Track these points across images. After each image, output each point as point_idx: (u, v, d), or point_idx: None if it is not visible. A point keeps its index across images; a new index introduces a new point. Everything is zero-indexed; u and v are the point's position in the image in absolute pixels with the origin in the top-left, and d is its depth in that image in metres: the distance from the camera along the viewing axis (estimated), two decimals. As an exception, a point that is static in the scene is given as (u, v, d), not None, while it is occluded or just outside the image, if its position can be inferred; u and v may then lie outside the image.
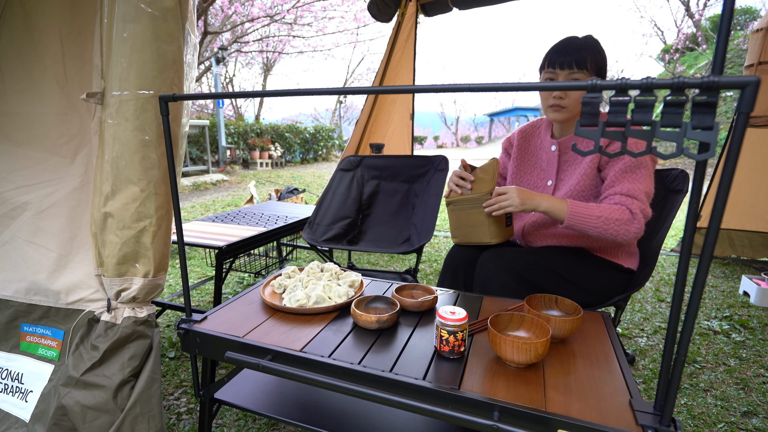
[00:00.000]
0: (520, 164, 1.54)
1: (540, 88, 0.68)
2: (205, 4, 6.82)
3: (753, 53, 2.77)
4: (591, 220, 1.21)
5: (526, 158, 1.53)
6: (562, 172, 1.42)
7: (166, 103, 0.94)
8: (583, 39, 1.31)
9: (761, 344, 1.94)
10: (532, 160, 1.51)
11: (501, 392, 0.81)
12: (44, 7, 1.10)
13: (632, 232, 1.21)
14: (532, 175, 1.51)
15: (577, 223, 1.23)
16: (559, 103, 1.32)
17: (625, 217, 1.20)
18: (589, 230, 1.23)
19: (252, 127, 9.57)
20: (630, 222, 1.20)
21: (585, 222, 1.22)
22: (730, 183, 0.57)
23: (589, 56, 1.27)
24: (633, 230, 1.21)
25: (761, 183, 2.98)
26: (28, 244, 1.13)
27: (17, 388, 1.12)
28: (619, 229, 1.20)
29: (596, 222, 1.21)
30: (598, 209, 1.22)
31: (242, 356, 0.96)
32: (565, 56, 1.28)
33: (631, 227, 1.20)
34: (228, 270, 2.03)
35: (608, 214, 1.21)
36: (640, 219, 1.21)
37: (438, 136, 28.91)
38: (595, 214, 1.21)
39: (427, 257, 3.26)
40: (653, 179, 1.27)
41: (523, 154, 1.54)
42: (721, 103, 9.04)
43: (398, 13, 3.17)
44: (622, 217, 1.20)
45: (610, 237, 1.22)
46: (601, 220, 1.20)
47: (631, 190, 1.23)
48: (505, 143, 1.63)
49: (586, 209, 1.23)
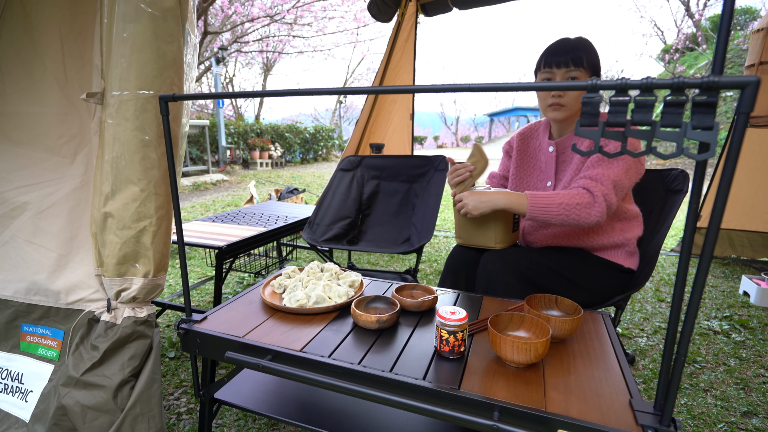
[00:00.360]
0: (520, 166, 1.55)
1: (540, 88, 0.68)
2: (205, 4, 6.82)
3: (753, 53, 2.77)
4: (552, 208, 1.23)
5: (525, 160, 1.54)
6: (560, 173, 1.42)
7: (166, 103, 0.94)
8: (576, 39, 1.32)
9: (761, 344, 1.94)
10: (532, 162, 1.53)
11: (501, 392, 0.81)
12: (44, 7, 1.10)
13: (593, 215, 1.21)
14: (532, 176, 1.51)
15: (538, 214, 1.24)
16: (558, 102, 1.33)
17: (585, 200, 1.21)
18: (552, 218, 1.24)
19: (252, 127, 9.57)
20: (590, 205, 1.21)
21: (546, 210, 1.23)
22: (730, 183, 0.57)
23: (584, 55, 1.28)
24: (594, 213, 1.21)
25: (761, 183, 2.98)
26: (28, 244, 1.13)
27: (17, 388, 1.12)
28: (581, 213, 1.21)
29: (557, 209, 1.22)
30: (557, 197, 1.23)
31: (242, 356, 0.96)
32: (561, 56, 1.29)
33: (592, 210, 1.21)
34: (228, 270, 2.03)
35: (568, 200, 1.22)
36: (601, 202, 1.21)
37: (438, 136, 28.91)
38: (555, 201, 1.23)
39: (427, 257, 3.26)
40: (630, 176, 1.27)
41: (523, 156, 1.55)
42: (721, 103, 9.04)
43: (398, 13, 3.17)
44: (582, 201, 1.21)
45: (573, 221, 1.22)
46: (562, 206, 1.22)
47: (597, 175, 1.24)
48: (505, 146, 1.65)
49: (546, 198, 1.24)
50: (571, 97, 1.32)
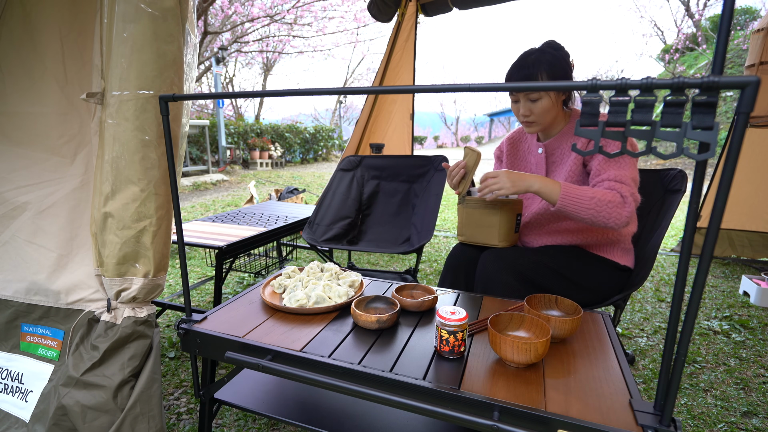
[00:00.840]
0: (511, 168, 1.57)
1: (540, 88, 0.68)
2: (205, 4, 6.82)
3: (753, 53, 2.77)
4: (584, 201, 1.21)
5: (516, 164, 1.57)
6: (551, 173, 1.44)
7: (166, 103, 0.94)
8: (535, 54, 1.32)
9: (761, 344, 1.94)
10: (522, 165, 1.55)
11: (501, 392, 0.81)
12: (44, 7, 1.10)
13: (624, 216, 1.21)
14: None
15: (569, 204, 1.22)
16: (527, 120, 1.37)
17: (616, 200, 1.21)
18: (582, 212, 1.21)
19: (252, 127, 9.57)
20: (621, 205, 1.21)
21: (578, 203, 1.21)
22: (730, 183, 0.57)
23: (540, 72, 1.29)
24: (625, 214, 1.21)
25: (761, 183, 2.98)
26: (28, 244, 1.13)
27: (17, 388, 1.12)
28: (612, 212, 1.20)
29: (589, 203, 1.20)
30: (590, 191, 1.23)
31: (242, 356, 0.96)
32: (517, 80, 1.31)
33: (623, 211, 1.21)
34: (228, 270, 2.03)
35: (601, 195, 1.21)
36: (631, 203, 1.22)
37: (438, 136, 28.91)
38: (587, 195, 1.21)
39: (427, 257, 3.26)
40: (636, 167, 1.29)
41: (513, 160, 1.58)
42: (721, 103, 9.04)
43: (398, 13, 3.17)
44: (614, 200, 1.20)
45: (602, 220, 1.21)
46: (594, 201, 1.20)
47: (618, 176, 1.24)
48: (496, 152, 1.67)
49: (579, 190, 1.23)
50: (537, 114, 1.34)
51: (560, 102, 1.37)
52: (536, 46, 1.35)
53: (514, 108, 1.39)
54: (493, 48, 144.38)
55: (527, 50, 1.35)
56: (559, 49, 1.33)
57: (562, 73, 1.30)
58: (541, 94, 1.30)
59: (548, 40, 1.36)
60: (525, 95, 1.32)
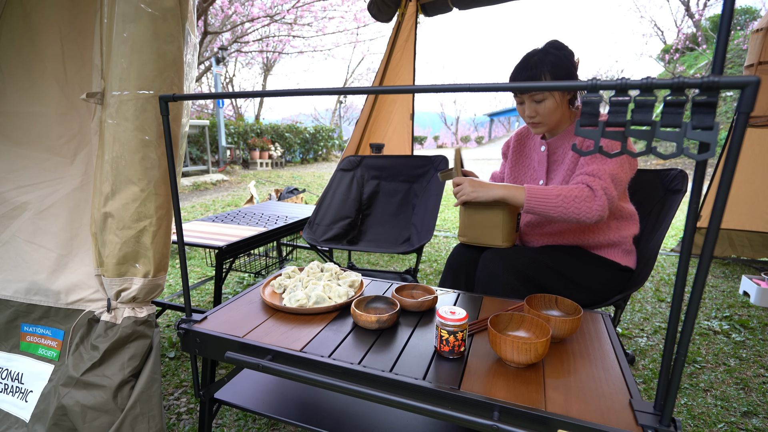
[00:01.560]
0: (515, 165, 1.58)
1: (540, 88, 0.68)
2: (205, 4, 6.82)
3: (753, 53, 2.77)
4: (549, 199, 1.23)
5: (521, 160, 1.57)
6: (552, 171, 1.45)
7: (166, 103, 0.94)
8: (538, 55, 1.32)
9: (761, 344, 1.94)
10: (526, 162, 1.56)
11: (501, 392, 0.81)
12: (44, 7, 1.10)
13: (594, 210, 1.21)
14: (526, 175, 1.54)
15: (536, 205, 1.24)
16: (533, 121, 1.37)
17: (584, 194, 1.21)
18: (550, 211, 1.23)
19: (252, 127, 9.57)
20: (590, 199, 1.21)
21: (543, 202, 1.23)
22: (730, 183, 0.57)
23: (543, 72, 1.29)
24: (595, 207, 1.21)
25: (761, 183, 2.98)
26: (28, 244, 1.13)
27: (17, 388, 1.12)
28: (581, 206, 1.20)
29: (555, 200, 1.22)
30: (555, 189, 1.24)
31: (242, 356, 0.96)
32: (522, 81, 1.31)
33: (593, 204, 1.21)
34: (228, 270, 2.03)
35: (566, 192, 1.22)
36: (601, 196, 1.21)
37: (438, 136, 28.90)
38: (552, 193, 1.23)
39: (427, 257, 3.26)
40: (625, 169, 1.27)
41: (518, 156, 1.58)
42: (721, 103, 9.04)
43: (398, 13, 3.17)
44: (581, 194, 1.21)
45: (573, 216, 1.22)
46: (560, 198, 1.22)
47: (594, 171, 1.24)
48: (503, 148, 1.68)
49: (544, 191, 1.24)
50: (543, 115, 1.34)
51: (566, 101, 1.36)
52: (539, 47, 1.35)
53: (519, 109, 1.39)
54: (493, 48, 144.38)
55: (530, 51, 1.35)
56: (562, 49, 1.33)
57: (566, 72, 1.30)
58: (545, 94, 1.30)
59: (551, 40, 1.36)
60: (530, 96, 1.32)
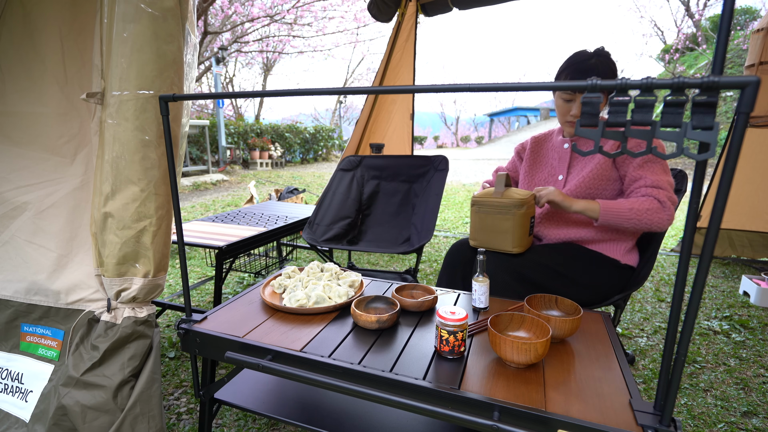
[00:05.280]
0: (533, 164, 1.60)
1: (540, 88, 0.68)
2: (205, 4, 6.82)
3: (753, 53, 2.77)
4: (623, 212, 1.29)
5: (538, 159, 1.60)
6: (572, 168, 1.47)
7: (166, 103, 0.94)
8: (593, 58, 1.35)
9: (761, 344, 1.94)
10: (544, 161, 1.58)
11: (501, 392, 0.81)
12: (44, 7, 1.10)
13: (665, 219, 1.28)
14: (542, 173, 1.56)
15: (611, 218, 1.31)
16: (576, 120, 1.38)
17: (654, 206, 1.28)
18: (624, 222, 1.30)
19: (252, 127, 9.57)
20: (660, 210, 1.27)
21: (617, 215, 1.30)
22: (730, 183, 0.57)
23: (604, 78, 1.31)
24: (665, 218, 1.28)
25: (761, 183, 2.98)
26: (28, 244, 1.13)
27: (17, 388, 1.12)
28: (652, 218, 1.27)
29: (628, 213, 1.29)
30: (627, 203, 1.30)
31: (242, 356, 0.96)
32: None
33: (663, 215, 1.28)
34: (228, 270, 2.03)
35: (638, 205, 1.28)
36: (669, 207, 1.28)
37: (438, 136, 28.89)
38: (625, 207, 1.30)
39: (427, 257, 3.26)
40: (668, 171, 1.34)
41: (536, 156, 1.61)
42: (721, 103, 9.04)
43: (398, 13, 3.17)
44: (652, 207, 1.27)
45: (645, 226, 1.29)
46: (633, 211, 1.28)
47: (655, 182, 1.30)
48: (518, 148, 1.70)
49: (617, 204, 1.31)
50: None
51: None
52: (588, 50, 1.39)
53: (563, 107, 1.42)
54: (493, 48, 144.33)
55: (581, 53, 1.38)
56: (610, 57, 1.37)
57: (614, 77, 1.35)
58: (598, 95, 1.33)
59: (600, 47, 1.39)
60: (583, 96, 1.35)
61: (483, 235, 1.42)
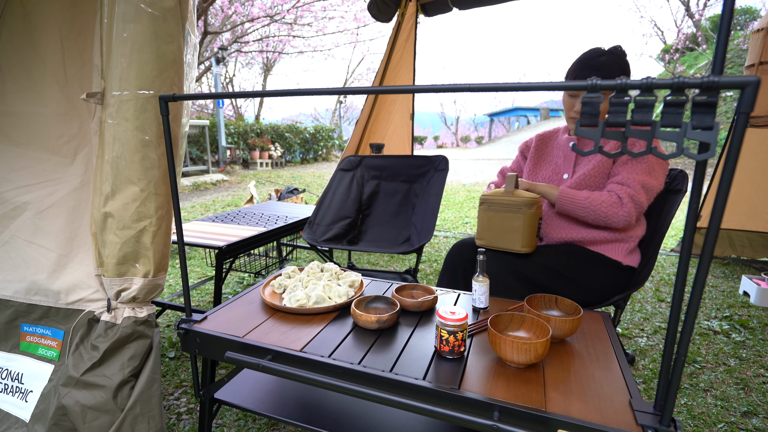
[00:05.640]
0: (537, 161, 1.61)
1: (540, 88, 0.68)
2: (205, 4, 6.82)
3: (753, 53, 2.77)
4: (579, 200, 1.33)
5: (542, 157, 1.61)
6: (578, 165, 1.48)
7: (166, 103, 0.94)
8: (604, 56, 1.35)
9: (761, 344, 1.94)
10: (548, 159, 1.59)
11: (501, 392, 0.81)
12: (44, 7, 1.10)
13: (621, 215, 1.29)
14: (547, 170, 1.57)
15: (567, 204, 1.36)
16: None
17: (611, 200, 1.29)
18: (579, 210, 1.33)
19: (252, 127, 9.56)
20: (616, 205, 1.29)
21: (573, 202, 1.33)
22: (730, 183, 0.57)
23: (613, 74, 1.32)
24: (621, 213, 1.28)
25: (761, 183, 2.98)
26: (28, 244, 1.13)
27: (17, 388, 1.12)
28: (607, 211, 1.29)
29: (584, 202, 1.32)
30: (586, 193, 1.34)
31: (242, 356, 0.96)
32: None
33: (619, 210, 1.28)
34: (228, 270, 2.03)
35: (596, 197, 1.31)
36: (627, 203, 1.28)
37: (438, 136, 28.89)
38: (582, 195, 1.33)
39: (427, 257, 3.26)
40: (657, 174, 1.33)
41: (540, 154, 1.62)
42: (721, 103, 9.04)
43: (398, 13, 3.17)
44: (609, 200, 1.29)
45: (601, 218, 1.30)
46: (588, 200, 1.31)
47: (624, 179, 1.31)
48: (522, 146, 1.71)
49: (576, 193, 1.35)
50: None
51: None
52: (601, 48, 1.38)
53: (569, 102, 1.43)
54: (493, 48, 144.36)
55: (595, 49, 1.38)
56: (624, 56, 1.37)
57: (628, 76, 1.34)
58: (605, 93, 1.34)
59: (616, 45, 1.38)
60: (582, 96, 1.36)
61: (491, 234, 1.40)
